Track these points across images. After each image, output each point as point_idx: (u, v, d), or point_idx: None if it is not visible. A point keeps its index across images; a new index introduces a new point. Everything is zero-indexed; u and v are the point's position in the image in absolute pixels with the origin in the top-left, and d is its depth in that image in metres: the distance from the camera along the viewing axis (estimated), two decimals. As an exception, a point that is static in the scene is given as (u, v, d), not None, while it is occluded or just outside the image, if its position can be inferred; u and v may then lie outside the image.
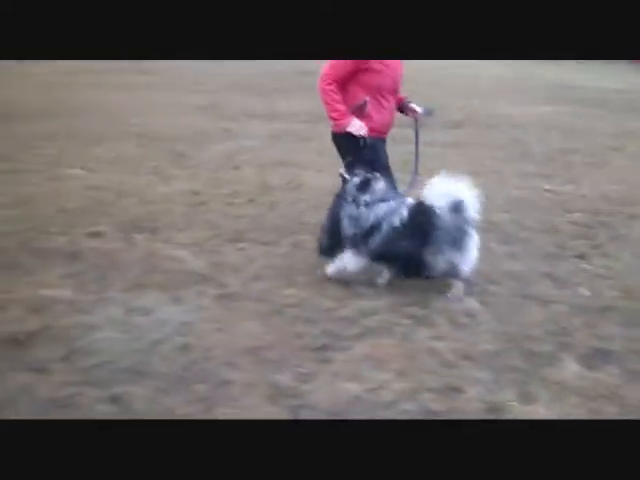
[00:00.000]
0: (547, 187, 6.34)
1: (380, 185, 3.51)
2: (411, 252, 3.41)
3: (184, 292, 3.65)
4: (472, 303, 3.63)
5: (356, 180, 3.49)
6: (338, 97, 3.45)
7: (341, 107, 3.45)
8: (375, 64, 3.45)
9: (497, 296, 3.76)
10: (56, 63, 21.47)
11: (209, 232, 4.66)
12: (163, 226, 4.81)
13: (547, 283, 3.97)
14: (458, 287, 3.61)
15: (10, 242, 4.44)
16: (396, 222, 3.39)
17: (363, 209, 3.44)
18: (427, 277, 3.58)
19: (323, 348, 3.07)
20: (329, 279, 3.72)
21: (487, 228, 4.93)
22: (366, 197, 3.46)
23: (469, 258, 3.46)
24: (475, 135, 9.10)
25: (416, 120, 3.82)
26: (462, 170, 6.55)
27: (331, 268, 3.65)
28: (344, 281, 3.78)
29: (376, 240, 3.42)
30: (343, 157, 3.70)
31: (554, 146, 8.50)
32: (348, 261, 3.57)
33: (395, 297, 3.65)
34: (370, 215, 3.42)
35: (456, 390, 2.75)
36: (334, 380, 2.80)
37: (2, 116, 10.10)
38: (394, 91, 3.67)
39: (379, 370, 2.89)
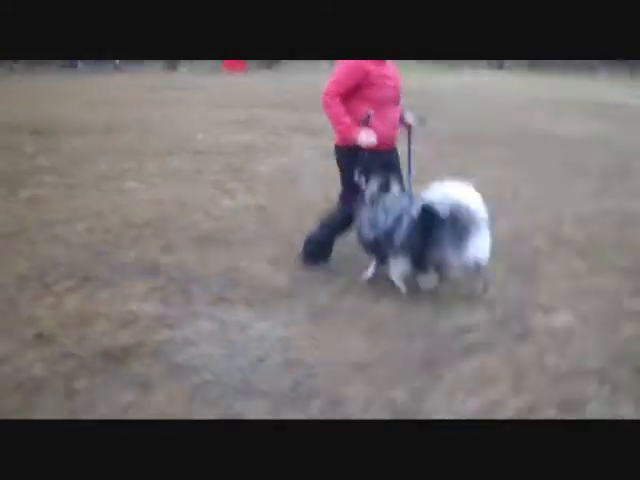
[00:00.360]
0: (612, 203, 6.17)
1: (395, 187, 3.59)
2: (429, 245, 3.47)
3: (272, 307, 3.54)
4: (567, 317, 3.54)
5: (373, 186, 3.54)
6: (342, 109, 3.48)
7: (347, 120, 3.47)
8: (376, 78, 3.50)
9: (590, 311, 3.66)
10: (104, 81, 22.26)
11: (284, 247, 4.54)
12: (237, 241, 4.72)
13: (636, 299, 3.83)
14: (486, 281, 3.66)
15: (84, 255, 4.39)
16: (414, 214, 3.43)
17: (381, 212, 3.51)
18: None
19: (431, 364, 2.97)
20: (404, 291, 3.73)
21: (564, 243, 4.82)
22: (385, 199, 3.54)
23: (461, 258, 3.47)
24: (526, 151, 8.95)
25: (409, 132, 3.85)
26: (524, 187, 6.59)
27: (401, 289, 3.70)
28: (433, 296, 3.73)
29: (399, 235, 3.46)
30: (343, 170, 3.74)
31: (608, 163, 8.34)
32: (400, 267, 3.62)
33: (488, 312, 3.57)
34: (389, 215, 3.50)
35: (576, 405, 2.64)
36: (451, 397, 2.70)
37: (53, 132, 10.28)
38: (396, 102, 3.70)
39: (492, 386, 2.79)
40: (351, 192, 3.67)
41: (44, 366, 2.82)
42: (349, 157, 3.60)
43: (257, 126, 10.91)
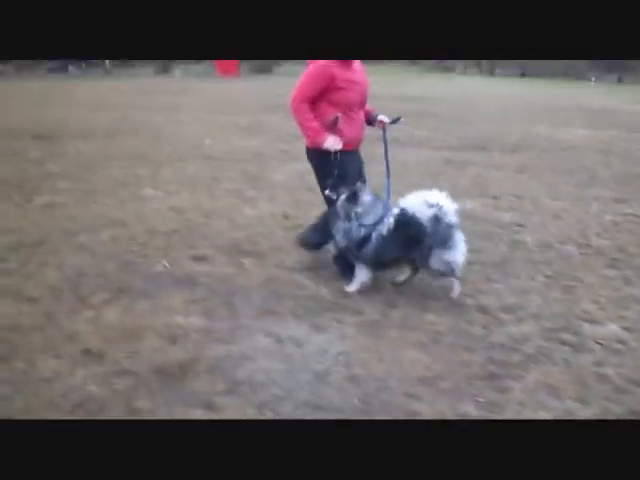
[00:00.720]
0: (633, 210, 6.19)
1: (367, 196, 3.64)
2: (399, 255, 3.66)
3: (322, 320, 3.45)
4: (616, 328, 3.53)
5: (343, 196, 3.61)
6: (310, 115, 3.54)
7: (315, 124, 3.55)
8: (342, 82, 3.54)
9: (635, 321, 3.63)
10: (95, 85, 22.03)
11: (316, 255, 4.44)
12: (268, 250, 4.62)
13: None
14: (457, 286, 3.74)
15: (112, 265, 4.28)
16: (384, 231, 3.58)
17: (355, 222, 3.61)
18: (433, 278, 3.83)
19: (495, 377, 2.92)
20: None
21: (594, 253, 4.80)
22: (357, 209, 3.61)
23: (460, 254, 3.62)
24: (536, 159, 8.96)
25: (384, 130, 3.92)
26: (543, 195, 6.57)
27: (352, 287, 3.79)
28: (479, 306, 3.72)
29: (369, 249, 3.60)
30: (317, 171, 3.81)
31: (619, 170, 8.36)
32: (362, 275, 3.76)
33: (537, 323, 3.54)
34: (361, 227, 3.61)
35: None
36: (521, 410, 2.65)
37: (55, 136, 10.14)
38: (362, 105, 3.78)
39: (559, 398, 2.76)
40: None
41: (100, 384, 2.71)
42: (321, 159, 3.66)
43: (261, 132, 10.84)
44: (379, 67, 45.81)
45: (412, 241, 3.57)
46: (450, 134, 10.81)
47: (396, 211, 3.62)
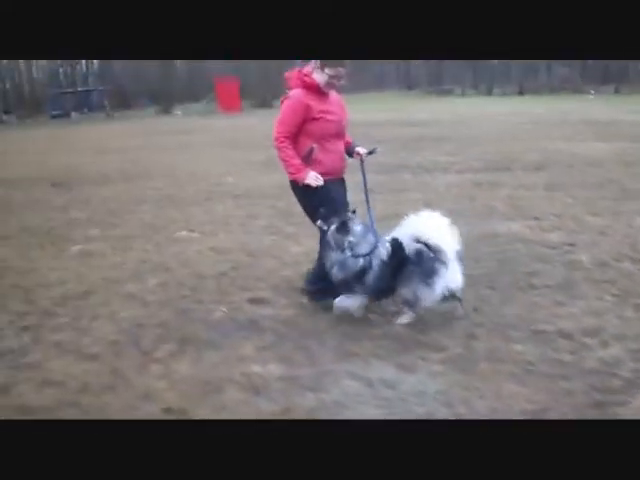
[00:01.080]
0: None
1: (358, 225, 3.59)
2: (394, 283, 3.60)
3: (406, 359, 3.27)
4: None
5: (333, 227, 3.56)
6: (292, 152, 3.61)
7: (296, 162, 3.60)
8: (317, 113, 3.58)
9: None
10: (99, 128, 22.15)
11: None
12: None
13: None
14: (409, 317, 3.68)
15: (168, 313, 4.11)
16: (384, 257, 3.54)
17: (348, 253, 3.53)
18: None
19: (602, 404, 2.76)
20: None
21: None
22: (349, 239, 3.54)
23: (432, 295, 3.57)
24: (562, 176, 8.82)
25: (361, 161, 3.96)
26: (583, 213, 6.42)
27: (337, 310, 3.74)
28: (559, 332, 3.55)
29: (369, 278, 3.53)
30: (302, 204, 3.85)
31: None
32: (347, 303, 3.69)
33: (624, 344, 3.38)
34: (358, 258, 3.53)
35: None
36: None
37: (73, 182, 10.09)
38: (339, 135, 3.80)
39: None
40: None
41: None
42: (304, 191, 3.68)
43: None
44: (377, 94, 46.38)
45: (399, 268, 3.55)
46: (470, 156, 10.73)
47: (388, 238, 3.62)
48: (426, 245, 3.51)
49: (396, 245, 3.60)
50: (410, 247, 3.54)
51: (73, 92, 35.85)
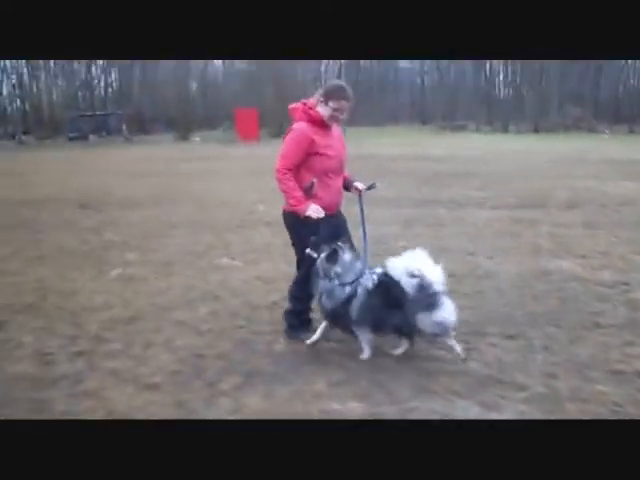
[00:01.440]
0: None
1: (347, 255, 3.60)
2: (388, 312, 3.51)
3: (486, 397, 3.15)
4: None
5: (323, 255, 3.57)
6: (294, 184, 3.60)
7: (298, 194, 3.60)
8: (321, 148, 3.60)
9: None
10: (119, 153, 22.25)
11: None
12: None
13: None
14: (457, 347, 3.59)
15: (227, 344, 3.97)
16: (369, 285, 3.51)
17: (336, 282, 3.54)
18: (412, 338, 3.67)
19: None
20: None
21: None
22: (337, 269, 3.55)
23: (450, 315, 3.49)
24: (598, 215, 8.67)
25: (360, 196, 3.98)
26: (628, 252, 6.28)
27: (365, 354, 3.65)
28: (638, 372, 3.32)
29: (355, 307, 3.49)
30: (292, 234, 3.85)
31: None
32: (365, 337, 3.64)
33: None
34: (344, 286, 3.53)
35: None
36: None
37: (102, 205, 10.05)
38: (339, 170, 3.83)
39: None
40: (304, 255, 3.73)
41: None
42: (296, 222, 3.68)
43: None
44: (391, 128, 46.74)
45: (394, 304, 3.47)
46: (501, 193, 10.63)
47: (379, 270, 3.58)
48: (419, 277, 3.43)
49: (386, 276, 3.54)
50: (403, 279, 3.47)
51: (91, 115, 36.25)
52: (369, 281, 3.54)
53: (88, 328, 4.33)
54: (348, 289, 3.53)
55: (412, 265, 3.47)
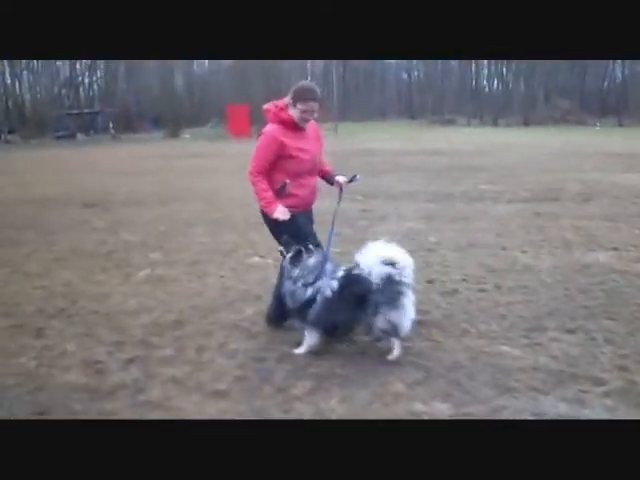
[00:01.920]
0: None
1: (311, 257, 3.62)
2: (347, 318, 3.55)
3: (567, 392, 3.11)
4: None
5: (288, 255, 3.64)
6: (265, 186, 3.70)
7: (267, 195, 3.71)
8: (292, 150, 3.65)
9: None
10: (109, 151, 21.87)
11: (505, 322, 4.10)
12: (441, 318, 4.24)
13: None
14: (398, 348, 3.52)
15: (282, 345, 3.83)
16: (328, 293, 3.50)
17: (299, 284, 3.57)
18: (373, 339, 3.66)
19: None
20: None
21: None
22: (297, 271, 3.59)
23: (407, 316, 3.46)
24: (615, 208, 8.61)
25: (340, 189, 4.03)
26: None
27: (301, 349, 3.66)
28: None
29: (313, 311, 3.52)
30: (271, 232, 3.92)
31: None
32: (310, 339, 3.64)
33: None
34: (306, 289, 3.54)
35: None
36: None
37: (107, 204, 9.83)
38: (313, 170, 3.89)
39: None
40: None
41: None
42: (273, 220, 3.76)
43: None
44: (380, 123, 46.71)
45: (358, 301, 3.46)
46: (513, 187, 10.57)
47: (340, 273, 3.56)
48: (394, 265, 3.42)
49: (351, 277, 3.52)
50: (378, 272, 3.42)
51: (78, 114, 35.59)
52: (327, 288, 3.51)
53: (132, 333, 4.16)
54: (309, 292, 3.53)
55: (386, 252, 3.46)
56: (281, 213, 3.71)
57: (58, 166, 17.41)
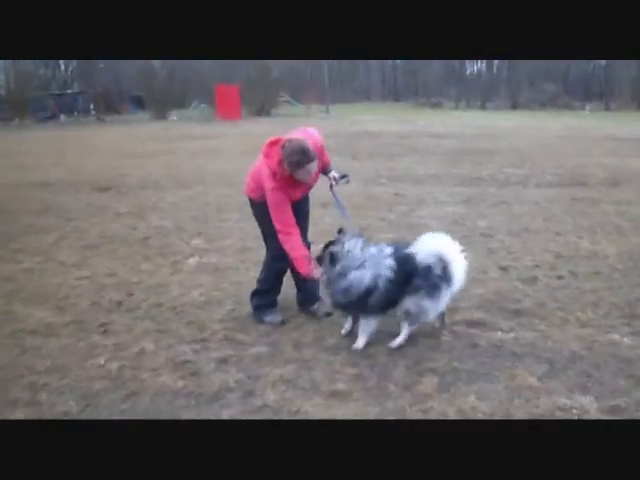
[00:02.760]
0: None
1: (346, 243, 3.47)
2: (398, 297, 3.44)
3: None
4: None
5: (327, 256, 3.49)
6: (298, 253, 3.60)
7: (301, 257, 3.62)
8: (293, 201, 3.62)
9: None
10: (98, 133, 21.18)
11: (600, 310, 4.01)
12: (533, 306, 4.11)
13: None
14: (404, 336, 3.50)
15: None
16: (389, 274, 3.38)
17: (350, 274, 3.39)
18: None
19: None
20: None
21: None
22: (339, 266, 3.43)
23: (437, 308, 3.46)
24: (615, 193, 8.43)
25: (331, 186, 3.95)
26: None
27: (359, 344, 3.49)
28: None
29: (375, 297, 3.37)
30: (259, 222, 3.89)
31: None
32: (368, 327, 3.50)
33: None
34: (363, 278, 3.38)
35: None
36: None
37: (124, 187, 9.44)
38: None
39: None
40: (270, 239, 3.79)
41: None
42: (262, 210, 3.68)
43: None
44: (364, 105, 46.33)
45: (405, 280, 3.40)
46: (535, 171, 10.41)
47: (390, 250, 3.47)
48: (443, 260, 3.39)
49: (403, 255, 3.47)
50: (424, 261, 3.39)
51: (60, 94, 34.39)
52: (387, 270, 3.37)
53: (212, 328, 3.89)
54: (366, 280, 3.36)
55: (443, 248, 3.43)
56: (317, 273, 3.61)
57: (52, 148, 16.72)
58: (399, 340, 3.47)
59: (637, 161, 11.73)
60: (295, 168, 3.42)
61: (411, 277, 3.38)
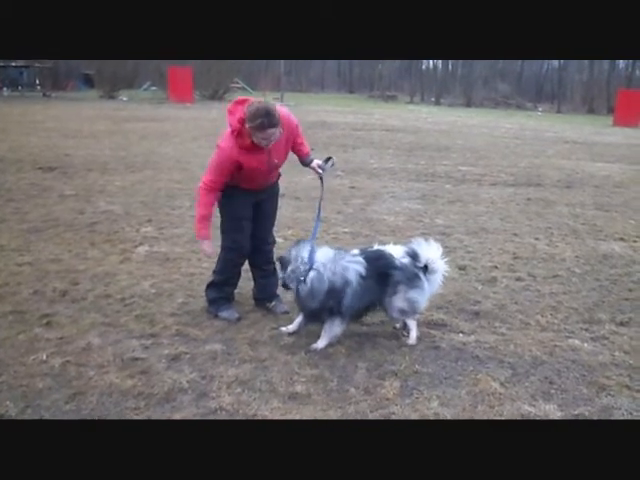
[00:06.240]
0: None
1: (292, 250, 3.44)
2: (373, 298, 3.42)
3: None
4: None
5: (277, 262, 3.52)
6: (204, 212, 3.52)
7: (201, 226, 3.55)
8: (248, 170, 3.47)
9: None
10: (42, 108, 20.19)
11: (559, 314, 4.04)
12: (492, 308, 4.09)
13: None
14: (415, 330, 3.51)
15: (347, 338, 3.46)
16: (359, 269, 3.34)
17: (309, 276, 3.34)
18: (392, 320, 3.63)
19: None
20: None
21: None
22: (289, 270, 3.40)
23: (425, 295, 3.49)
24: (601, 196, 8.59)
25: (320, 178, 3.86)
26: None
27: (319, 344, 3.38)
28: None
29: (349, 296, 3.31)
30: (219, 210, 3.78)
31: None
32: (335, 329, 3.40)
33: None
34: (322, 276, 3.32)
35: None
36: None
37: (70, 168, 8.96)
38: (270, 173, 3.67)
39: None
40: (226, 229, 3.69)
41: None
42: (221, 205, 3.63)
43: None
44: (318, 95, 46.10)
45: (381, 280, 3.38)
46: (490, 170, 10.53)
47: (357, 252, 3.46)
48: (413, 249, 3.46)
49: (373, 254, 3.45)
50: (398, 260, 3.41)
51: (3, 66, 32.61)
52: (355, 274, 3.32)
53: (163, 323, 3.69)
54: (337, 287, 3.28)
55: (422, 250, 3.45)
56: (206, 247, 3.58)
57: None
58: (413, 335, 3.47)
59: (589, 164, 12.02)
60: (256, 129, 3.23)
61: (387, 273, 3.35)
